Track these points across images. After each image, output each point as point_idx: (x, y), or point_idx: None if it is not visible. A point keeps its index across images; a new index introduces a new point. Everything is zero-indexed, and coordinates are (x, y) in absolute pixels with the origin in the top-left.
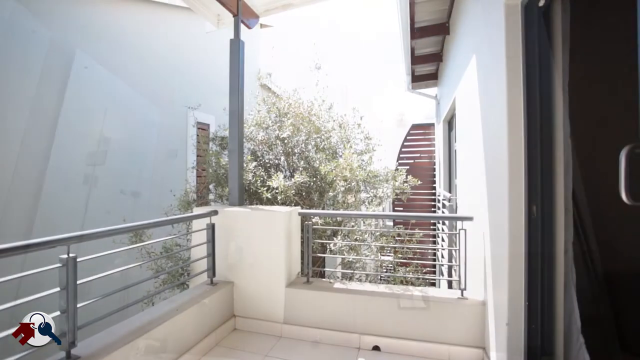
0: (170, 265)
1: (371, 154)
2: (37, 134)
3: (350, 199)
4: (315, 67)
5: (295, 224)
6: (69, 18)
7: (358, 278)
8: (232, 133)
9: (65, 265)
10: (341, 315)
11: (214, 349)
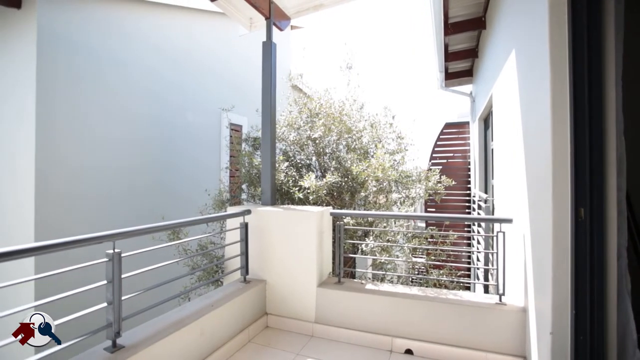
0: (205, 262)
1: (403, 153)
2: (96, 139)
3: (381, 199)
4: (347, 67)
5: (326, 224)
6: (114, 27)
7: (390, 280)
8: (264, 134)
9: (111, 260)
10: (373, 316)
11: (246, 346)
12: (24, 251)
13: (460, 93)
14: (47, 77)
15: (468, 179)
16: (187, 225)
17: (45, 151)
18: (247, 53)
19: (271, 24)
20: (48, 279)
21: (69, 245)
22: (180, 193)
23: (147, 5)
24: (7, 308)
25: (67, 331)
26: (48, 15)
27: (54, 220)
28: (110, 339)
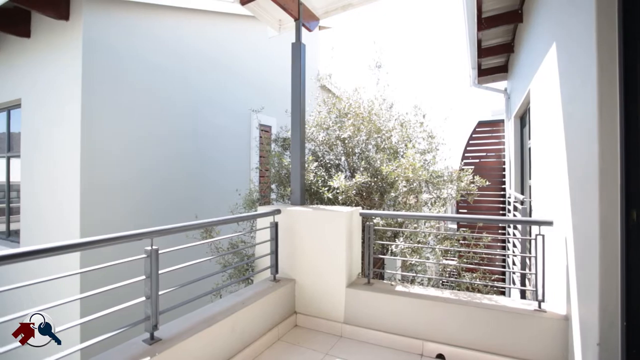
0: (236, 260)
1: (434, 153)
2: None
3: (411, 200)
4: (376, 66)
5: (356, 225)
6: (150, 33)
7: (420, 282)
8: (294, 134)
9: (149, 256)
10: (403, 319)
11: (276, 344)
12: (71, 246)
13: (494, 90)
14: (91, 82)
15: (502, 179)
16: (219, 224)
17: (89, 152)
18: (276, 54)
19: (300, 25)
20: (90, 273)
21: (111, 241)
22: (212, 193)
23: (179, 12)
24: (55, 299)
25: (107, 323)
26: (92, 25)
27: (96, 217)
28: (148, 332)
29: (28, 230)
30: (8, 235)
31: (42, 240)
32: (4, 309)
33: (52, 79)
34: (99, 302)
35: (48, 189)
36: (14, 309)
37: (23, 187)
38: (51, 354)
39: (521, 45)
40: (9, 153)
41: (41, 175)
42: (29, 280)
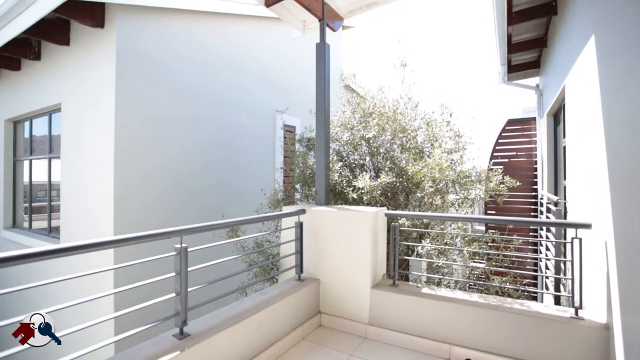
0: (261, 260)
1: (461, 152)
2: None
3: (437, 200)
4: (401, 64)
5: (381, 225)
6: (179, 37)
7: (447, 284)
8: (318, 134)
9: (179, 254)
10: (429, 322)
11: (300, 343)
12: (107, 243)
13: (525, 87)
14: (124, 86)
15: (534, 180)
16: (245, 223)
17: (122, 153)
18: (300, 55)
19: (324, 26)
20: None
21: (143, 239)
22: (237, 192)
23: (205, 16)
24: (91, 294)
25: (137, 318)
26: (125, 32)
27: (129, 216)
28: (178, 327)
29: (67, 227)
30: (49, 232)
31: (79, 237)
32: (46, 300)
33: (88, 83)
34: (130, 297)
35: (85, 188)
36: (55, 301)
37: (62, 186)
38: (86, 346)
39: (555, 39)
40: (50, 154)
41: (79, 175)
42: (66, 273)
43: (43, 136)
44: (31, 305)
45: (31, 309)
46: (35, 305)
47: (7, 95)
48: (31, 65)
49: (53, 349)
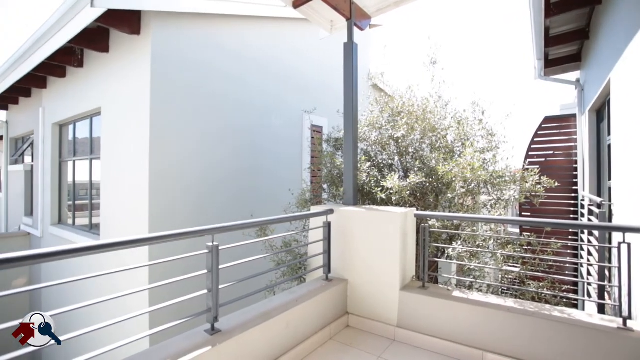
0: (289, 259)
1: (495, 152)
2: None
3: (468, 201)
4: (431, 62)
5: (410, 226)
6: (209, 41)
7: (478, 288)
8: (346, 134)
9: (211, 252)
10: (461, 326)
11: (328, 343)
12: (143, 240)
13: (564, 82)
14: (158, 89)
15: (573, 180)
16: (274, 222)
17: (156, 155)
18: (327, 55)
19: (352, 25)
20: (156, 267)
21: (177, 237)
22: (266, 192)
23: (234, 19)
24: (127, 289)
25: (170, 313)
26: (159, 38)
27: (163, 214)
28: (209, 323)
29: (106, 224)
30: (90, 228)
31: (117, 234)
32: (87, 294)
33: (126, 88)
34: (163, 294)
35: (122, 188)
36: (92, 294)
37: (102, 186)
38: (121, 339)
39: (599, 31)
40: (91, 156)
41: (117, 175)
42: (99, 268)
43: (85, 138)
44: (74, 297)
45: (74, 300)
46: (76, 297)
47: (54, 101)
48: (75, 72)
49: (92, 341)
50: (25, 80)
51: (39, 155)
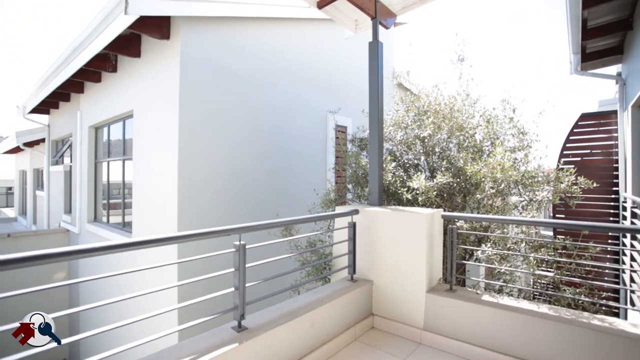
0: (314, 259)
1: (526, 151)
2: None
3: (498, 202)
4: (458, 59)
5: (437, 227)
6: (235, 45)
7: (509, 292)
8: (372, 134)
9: (238, 251)
10: (491, 331)
11: (352, 344)
12: (172, 238)
13: (603, 76)
14: (187, 92)
15: (613, 181)
16: (300, 222)
17: (185, 156)
18: (351, 54)
19: (377, 24)
20: (184, 265)
21: (205, 235)
22: (290, 192)
23: (259, 21)
24: (153, 285)
25: (197, 310)
26: (188, 42)
27: (191, 214)
28: (236, 320)
29: (138, 222)
30: (123, 226)
31: (148, 232)
32: (119, 288)
33: (156, 91)
34: (190, 291)
35: (153, 187)
36: (125, 290)
37: (134, 185)
38: (151, 334)
39: None
40: (124, 156)
41: (147, 175)
42: (131, 264)
43: (118, 140)
44: (108, 291)
45: (108, 293)
46: (110, 291)
47: (90, 105)
48: (109, 77)
49: (123, 335)
50: (65, 86)
51: (77, 156)
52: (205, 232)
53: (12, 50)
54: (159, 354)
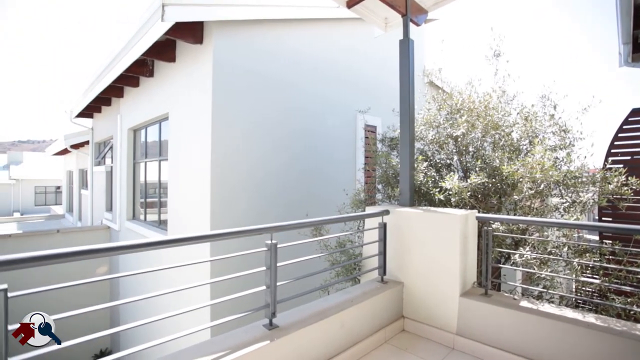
0: (344, 259)
1: (569, 149)
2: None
3: (536, 203)
4: (494, 55)
5: (471, 229)
6: (266, 47)
7: (549, 299)
8: (402, 133)
9: (269, 250)
10: (530, 340)
11: (383, 346)
12: (206, 236)
13: None
14: (219, 94)
15: None
16: (330, 222)
17: (217, 156)
18: (380, 53)
19: (408, 21)
20: (216, 262)
21: (238, 234)
22: (320, 192)
23: (290, 23)
24: (185, 282)
25: (228, 307)
26: (220, 46)
27: (222, 213)
28: (267, 318)
29: (173, 220)
30: (159, 224)
31: (182, 230)
32: (154, 283)
33: (189, 94)
34: (222, 288)
35: (186, 187)
36: (160, 285)
37: (169, 185)
38: (184, 329)
39: None
40: (159, 157)
41: (182, 175)
42: (164, 261)
43: (154, 142)
44: (145, 285)
45: (146, 286)
46: (147, 285)
47: (129, 108)
48: (146, 82)
49: (158, 330)
50: (107, 91)
51: (117, 157)
52: (238, 230)
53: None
54: (194, 348)
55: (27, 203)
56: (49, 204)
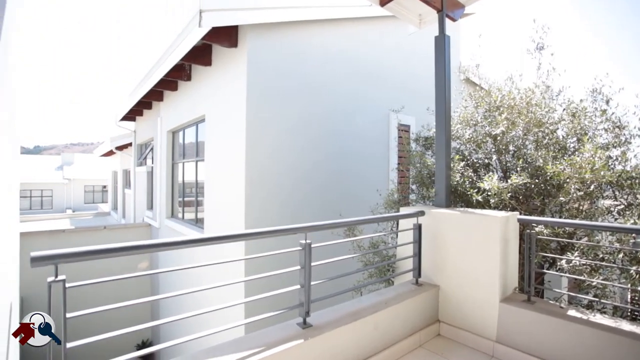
0: (377, 260)
1: (624, 147)
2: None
3: (585, 205)
4: (536, 48)
5: (512, 232)
6: (298, 48)
7: (601, 309)
8: (438, 132)
9: (304, 249)
10: (580, 353)
11: (417, 350)
12: (241, 235)
13: None
14: (253, 96)
15: None
16: (364, 223)
17: (251, 157)
18: (413, 51)
19: (443, 17)
20: (250, 261)
21: (273, 233)
22: (353, 192)
23: (321, 23)
24: (218, 279)
25: (262, 305)
26: (254, 48)
27: (256, 212)
28: (301, 317)
29: (209, 219)
30: (196, 222)
31: (218, 228)
32: (193, 280)
33: (225, 96)
34: (256, 287)
35: (222, 187)
36: (197, 281)
37: (206, 185)
38: (219, 324)
39: None
40: (196, 158)
41: (217, 176)
42: (198, 258)
43: (192, 143)
44: (183, 280)
45: (185, 281)
46: (185, 281)
47: (167, 111)
48: (184, 85)
49: (197, 324)
50: (148, 95)
51: (157, 158)
52: (273, 230)
53: None
54: (230, 343)
55: (77, 201)
56: (96, 202)
